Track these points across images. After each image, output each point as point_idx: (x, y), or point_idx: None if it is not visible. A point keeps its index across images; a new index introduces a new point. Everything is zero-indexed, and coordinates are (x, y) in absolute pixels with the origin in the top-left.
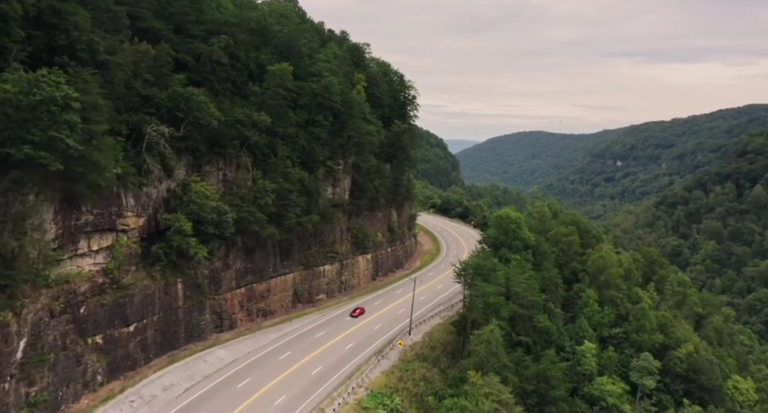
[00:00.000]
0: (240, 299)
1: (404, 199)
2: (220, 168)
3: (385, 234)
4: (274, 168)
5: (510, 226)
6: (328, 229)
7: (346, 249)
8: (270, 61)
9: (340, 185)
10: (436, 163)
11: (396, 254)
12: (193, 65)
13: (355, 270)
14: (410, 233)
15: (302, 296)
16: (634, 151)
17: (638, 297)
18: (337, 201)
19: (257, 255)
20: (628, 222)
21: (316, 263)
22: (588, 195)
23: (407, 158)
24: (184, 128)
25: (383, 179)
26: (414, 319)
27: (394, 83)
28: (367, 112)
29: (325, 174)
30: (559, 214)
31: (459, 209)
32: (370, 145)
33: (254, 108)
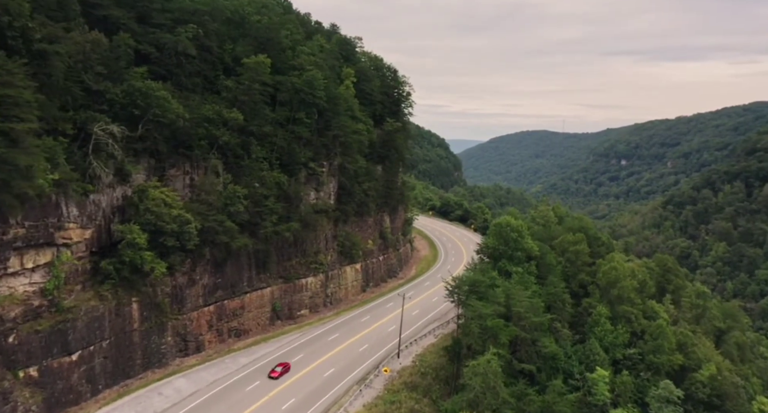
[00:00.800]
0: (208, 318)
1: (398, 203)
2: (186, 171)
3: (377, 242)
4: (248, 171)
5: (511, 235)
6: (311, 238)
7: (331, 259)
8: (247, 53)
9: (325, 189)
10: (438, 163)
11: (389, 262)
12: (156, 57)
13: (342, 281)
14: (405, 239)
15: (282, 312)
16: (638, 150)
17: (654, 312)
18: (321, 206)
19: (229, 268)
20: (634, 222)
21: (297, 275)
22: (592, 194)
23: (401, 159)
24: (142, 127)
25: (373, 182)
26: (404, 339)
27: (387, 79)
28: (356, 109)
29: (307, 177)
30: (565, 219)
31: (459, 212)
32: (359, 145)
33: (226, 104)
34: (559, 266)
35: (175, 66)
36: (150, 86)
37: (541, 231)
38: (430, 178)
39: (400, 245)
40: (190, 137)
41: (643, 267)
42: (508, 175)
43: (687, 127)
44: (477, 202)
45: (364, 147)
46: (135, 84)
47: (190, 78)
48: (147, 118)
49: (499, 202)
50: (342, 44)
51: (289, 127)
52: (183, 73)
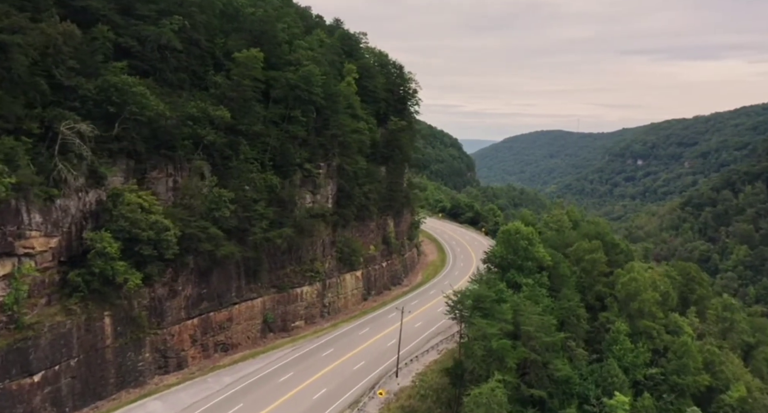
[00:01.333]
0: (191, 332)
1: (403, 206)
2: (169, 174)
3: (380, 247)
4: (237, 173)
5: (520, 243)
6: (307, 244)
7: (329, 266)
8: (240, 48)
9: (322, 192)
10: (451, 163)
11: (393, 269)
12: (138, 51)
13: (342, 290)
14: (411, 243)
15: (274, 324)
16: (655, 150)
17: (677, 327)
18: (318, 210)
19: (215, 277)
20: (651, 224)
21: (291, 284)
22: (608, 195)
23: (407, 159)
24: (119, 126)
25: (376, 184)
26: (404, 355)
27: (392, 76)
28: (357, 107)
29: (302, 179)
30: (580, 224)
31: (469, 214)
32: (360, 145)
33: (214, 101)
34: (574, 277)
35: (158, 61)
36: (126, 81)
37: (554, 237)
38: (443, 178)
39: (406, 250)
40: (173, 137)
41: (664, 276)
42: (522, 175)
43: (705, 127)
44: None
45: (365, 147)
46: (110, 79)
47: (176, 73)
48: (124, 116)
49: (513, 203)
50: (344, 39)
51: (283, 126)
52: (168, 68)
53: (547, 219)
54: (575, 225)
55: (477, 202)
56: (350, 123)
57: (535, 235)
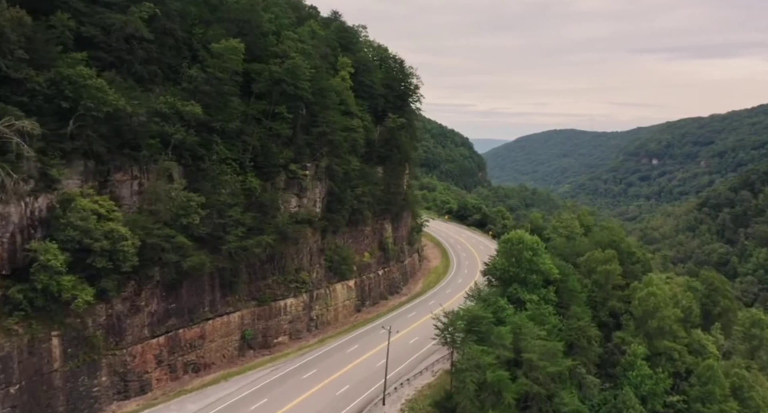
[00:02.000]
0: (156, 352)
1: (402, 209)
2: (134, 176)
3: (375, 254)
4: (209, 175)
5: (524, 254)
6: (292, 252)
7: (317, 276)
8: (222, 38)
9: (309, 195)
10: (461, 163)
11: (390, 277)
12: (102, 42)
13: (331, 302)
14: (412, 249)
15: (254, 341)
16: (670, 149)
17: (701, 346)
18: (304, 215)
19: (185, 291)
20: (667, 225)
21: (273, 296)
22: (622, 195)
23: (406, 159)
24: (74, 123)
25: (370, 186)
26: (395, 377)
27: (392, 70)
28: (351, 103)
29: (287, 181)
30: (592, 229)
31: (477, 216)
32: (353, 144)
33: (186, 96)
34: (585, 291)
35: (125, 52)
36: (81, 73)
37: (564, 245)
38: (453, 178)
39: (405, 256)
40: (138, 135)
41: (685, 287)
42: (534, 174)
43: (721, 125)
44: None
45: (359, 146)
46: (63, 71)
47: (146, 66)
48: (79, 112)
49: (525, 203)
50: (340, 32)
51: (265, 123)
52: (136, 60)
53: (555, 224)
54: (587, 231)
55: (485, 203)
56: (341, 120)
57: (540, 245)
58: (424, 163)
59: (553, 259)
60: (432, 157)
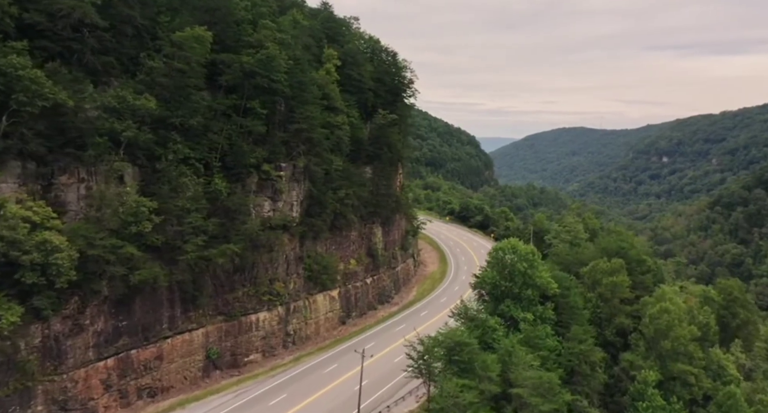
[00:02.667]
0: (104, 376)
1: (394, 212)
2: (81, 178)
3: (363, 261)
4: (166, 177)
5: (518, 266)
6: (264, 261)
7: (295, 286)
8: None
9: (285, 198)
10: (467, 161)
11: (380, 285)
12: (48, 30)
13: (311, 314)
14: (406, 254)
15: (221, 360)
16: (681, 147)
17: (720, 368)
18: (279, 221)
19: (138, 306)
20: (678, 225)
21: (244, 310)
22: (632, 193)
23: (398, 158)
24: (7, 120)
25: (357, 187)
26: (375, 402)
27: (384, 64)
28: (336, 97)
29: (259, 183)
30: (598, 233)
31: (479, 217)
32: (337, 142)
33: (142, 89)
34: (589, 306)
35: (75, 41)
36: (11, 63)
37: (566, 252)
38: (459, 177)
39: (398, 262)
40: (83, 132)
41: (701, 297)
42: (543, 173)
43: (732, 122)
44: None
45: (343, 144)
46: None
47: (100, 57)
48: (12, 107)
49: (532, 203)
50: (327, 22)
51: (235, 120)
52: (88, 50)
53: (558, 229)
54: (593, 236)
55: (488, 203)
56: (321, 116)
57: (536, 256)
58: (429, 162)
59: (553, 270)
60: (438, 156)
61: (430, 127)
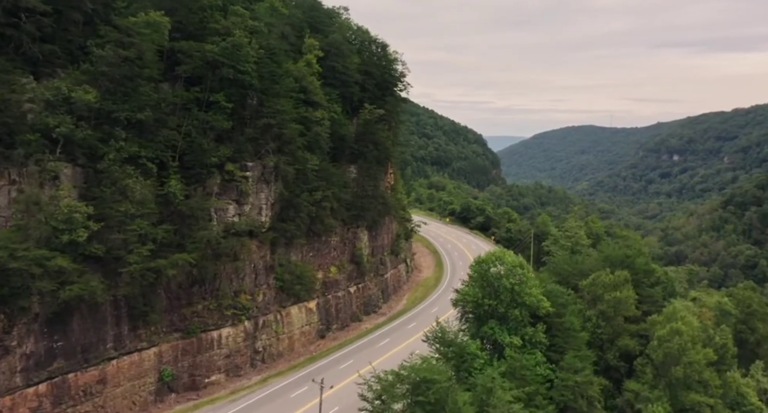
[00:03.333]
0: (34, 404)
1: (382, 214)
2: (12, 180)
3: (345, 268)
4: (108, 178)
5: (503, 283)
6: (229, 272)
7: (265, 299)
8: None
9: (252, 201)
10: (474, 160)
11: (366, 294)
12: None
13: (283, 329)
14: (397, 259)
15: (178, 382)
16: (692, 145)
17: (740, 396)
18: (244, 226)
19: (76, 325)
20: (690, 225)
21: (204, 326)
22: (642, 192)
23: (387, 156)
24: None
25: (337, 188)
26: None
27: (373, 55)
28: (317, 91)
29: (222, 185)
30: (602, 239)
31: (480, 218)
32: (316, 139)
33: (88, 80)
34: (589, 326)
35: (11, 27)
36: None
37: (565, 261)
38: (465, 176)
39: (386, 269)
40: (11, 129)
41: (716, 312)
42: (552, 172)
43: (744, 120)
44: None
45: (322, 141)
46: None
47: (40, 45)
48: None
49: (540, 202)
50: (310, 11)
51: (195, 114)
52: (26, 37)
53: (557, 234)
54: (596, 241)
55: (490, 204)
56: (293, 110)
57: (526, 270)
58: (435, 161)
59: (549, 283)
60: (444, 155)
61: (436, 125)
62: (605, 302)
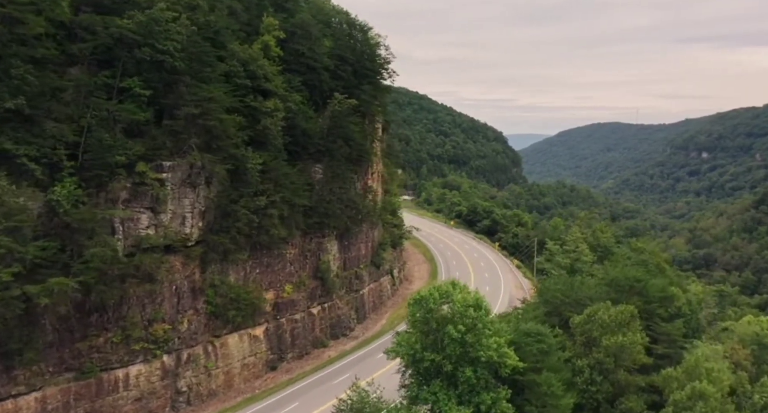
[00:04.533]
0: None
1: (357, 222)
2: None
3: (306, 286)
4: None
5: (450, 331)
6: (139, 296)
7: (191, 327)
8: None
9: (174, 209)
10: (494, 158)
11: (333, 314)
12: None
13: (216, 363)
14: (379, 272)
15: None
16: (721, 141)
17: None
18: (163, 240)
19: None
20: (719, 226)
21: (105, 363)
22: (669, 190)
23: (362, 154)
24: None
25: (290, 192)
26: None
27: (351, 39)
28: (272, 77)
29: (132, 190)
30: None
31: (486, 222)
32: (265, 133)
33: None
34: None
35: None
36: None
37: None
38: (484, 175)
39: (364, 284)
40: None
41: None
42: (577, 170)
43: None
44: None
45: (272, 136)
46: None
47: None
48: None
49: (561, 201)
50: None
51: (94, 102)
52: None
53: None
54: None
55: (498, 206)
56: (227, 97)
57: (483, 311)
58: (452, 160)
59: (521, 325)
60: (461, 153)
61: (454, 122)
62: (603, 349)
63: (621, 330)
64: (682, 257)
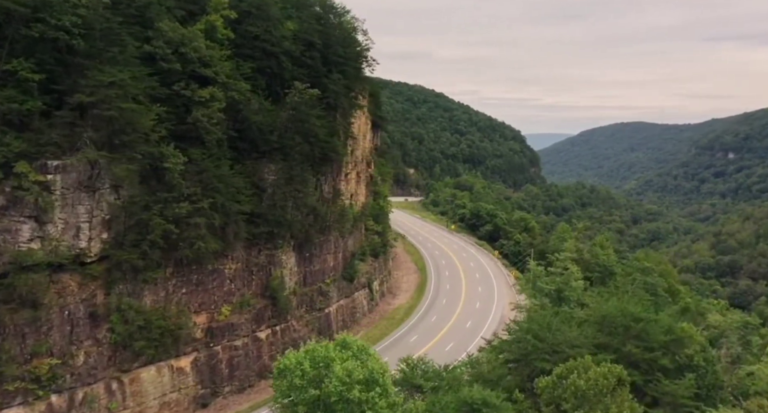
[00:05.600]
0: None
1: (320, 231)
2: None
3: (251, 306)
4: None
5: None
6: (18, 324)
7: (90, 360)
8: None
9: (65, 218)
10: (510, 158)
11: (288, 338)
12: None
13: (125, 402)
14: (352, 287)
15: None
16: (748, 142)
17: None
18: (52, 257)
19: None
20: (746, 230)
21: None
22: (694, 192)
23: (327, 152)
24: None
25: (225, 196)
26: None
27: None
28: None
29: (10, 195)
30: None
31: (488, 226)
32: (194, 127)
33: None
34: None
35: None
36: None
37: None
38: (500, 174)
39: (330, 300)
40: None
41: None
42: (599, 170)
43: None
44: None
45: (204, 130)
46: None
47: None
48: None
49: (580, 203)
50: None
51: None
52: None
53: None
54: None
55: (502, 210)
56: (137, 84)
57: (373, 397)
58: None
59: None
60: (477, 152)
61: (470, 121)
62: None
63: (602, 402)
64: (705, 263)
